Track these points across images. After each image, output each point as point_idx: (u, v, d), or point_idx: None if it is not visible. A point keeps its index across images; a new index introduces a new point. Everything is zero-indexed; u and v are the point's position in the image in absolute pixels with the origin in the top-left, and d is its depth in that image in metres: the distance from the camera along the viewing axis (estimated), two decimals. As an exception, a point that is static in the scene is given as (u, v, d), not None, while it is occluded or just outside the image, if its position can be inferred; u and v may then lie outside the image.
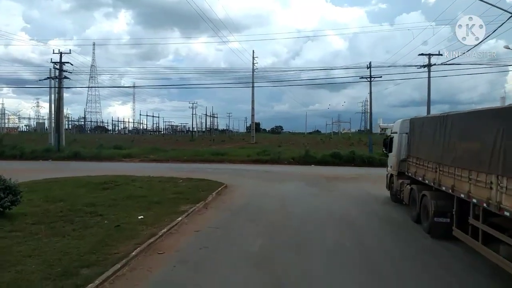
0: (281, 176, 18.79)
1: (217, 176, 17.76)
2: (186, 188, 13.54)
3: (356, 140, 69.76)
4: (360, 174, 19.73)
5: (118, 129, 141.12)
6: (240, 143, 55.78)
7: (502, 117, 5.83)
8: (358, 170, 22.74)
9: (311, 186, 15.46)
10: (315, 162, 26.44)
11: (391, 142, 12.86)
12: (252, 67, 56.08)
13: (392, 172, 12.50)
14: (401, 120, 12.32)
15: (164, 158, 28.41)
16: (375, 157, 26.28)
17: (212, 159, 27.53)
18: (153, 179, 15.79)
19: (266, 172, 20.52)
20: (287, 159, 27.26)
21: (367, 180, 17.67)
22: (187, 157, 28.25)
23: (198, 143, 53.90)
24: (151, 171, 19.25)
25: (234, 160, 27.44)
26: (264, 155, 28.88)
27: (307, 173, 20.17)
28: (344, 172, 20.97)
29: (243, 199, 12.32)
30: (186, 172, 19.85)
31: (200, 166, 24.13)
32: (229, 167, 23.76)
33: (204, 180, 15.79)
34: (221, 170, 21.55)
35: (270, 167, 24.29)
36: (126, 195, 11.78)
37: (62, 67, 29.82)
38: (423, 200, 8.94)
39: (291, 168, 23.44)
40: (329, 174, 19.54)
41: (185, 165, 25.07)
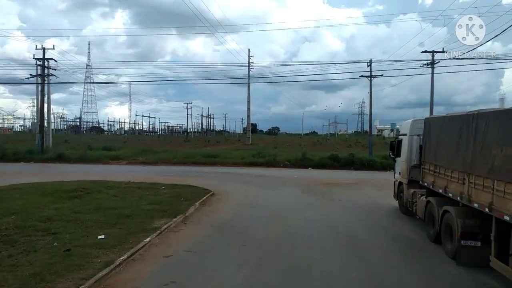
0: (275, 181, 17.12)
1: (205, 182, 16.10)
2: (166, 197, 11.84)
3: (354, 141, 68.25)
4: (361, 179, 18.10)
5: (114, 130, 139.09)
6: (236, 145, 54.14)
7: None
8: (359, 174, 21.12)
9: (308, 193, 13.79)
10: (312, 165, 24.80)
11: (399, 145, 11.23)
12: (248, 66, 54.46)
13: (401, 179, 10.86)
14: (411, 120, 10.68)
15: (154, 160, 26.67)
16: (376, 160, 24.70)
17: (204, 162, 25.83)
18: (133, 185, 14.08)
19: (260, 176, 18.85)
20: (283, 162, 25.61)
21: (370, 186, 16.04)
22: (177, 160, 26.54)
23: (192, 144, 52.17)
24: (135, 175, 17.56)
25: (227, 162, 25.75)
26: (259, 158, 27.23)
27: (304, 178, 18.53)
28: (343, 177, 19.34)
29: (230, 211, 10.63)
30: (172, 176, 18.17)
31: (190, 169, 22.43)
32: (221, 170, 22.07)
33: (190, 186, 14.09)
34: (212, 174, 19.87)
35: (264, 170, 22.62)
36: (94, 206, 10.07)
37: (45, 63, 28.00)
38: (445, 217, 7.31)
39: (287, 172, 21.77)
40: (328, 179, 17.90)
41: (174, 168, 23.36)
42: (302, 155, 25.73)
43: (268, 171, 21.97)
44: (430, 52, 25.35)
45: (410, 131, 10.36)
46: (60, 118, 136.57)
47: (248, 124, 56.72)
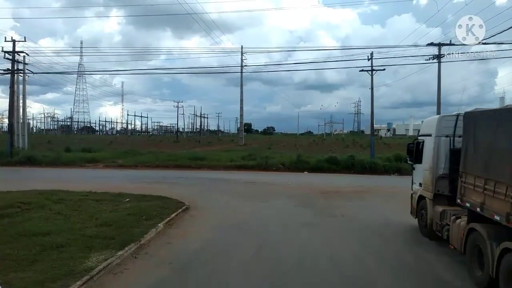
0: (266, 189, 14.62)
1: (183, 190, 13.64)
2: (125, 214, 9.29)
3: (351, 141, 66.03)
4: (365, 187, 15.66)
5: (105, 130, 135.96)
6: (228, 145, 51.66)
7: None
8: (360, 180, 18.71)
9: (304, 206, 11.32)
10: (309, 169, 22.38)
11: (420, 149, 8.81)
12: (240, 63, 51.94)
13: (423, 193, 8.43)
14: (439, 117, 8.25)
15: (133, 163, 24.10)
16: (378, 163, 22.34)
17: (189, 165, 23.31)
18: (91, 196, 11.52)
19: (249, 183, 16.35)
20: (276, 165, 23.16)
21: (377, 195, 13.62)
22: (160, 162, 23.98)
23: (181, 145, 49.59)
24: (103, 182, 15.09)
25: (215, 166, 23.25)
26: (249, 160, 24.76)
27: (299, 185, 16.07)
28: (344, 183, 16.91)
29: (204, 236, 8.10)
30: (147, 183, 15.66)
31: (171, 173, 19.90)
32: (206, 175, 19.56)
33: (161, 198, 11.57)
34: (194, 179, 17.36)
35: (255, 175, 20.15)
36: (19, 230, 7.52)
37: (15, 57, 25.30)
38: (505, 259, 4.90)
39: (280, 177, 19.31)
40: (327, 186, 15.46)
41: (153, 172, 20.83)
42: (297, 158, 23.30)
43: (259, 176, 19.49)
44: (436, 44, 23.05)
45: (437, 130, 7.94)
46: (51, 118, 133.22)
47: (241, 124, 54.18)
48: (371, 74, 23.55)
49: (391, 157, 23.45)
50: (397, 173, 21.89)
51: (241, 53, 52.51)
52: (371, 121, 24.37)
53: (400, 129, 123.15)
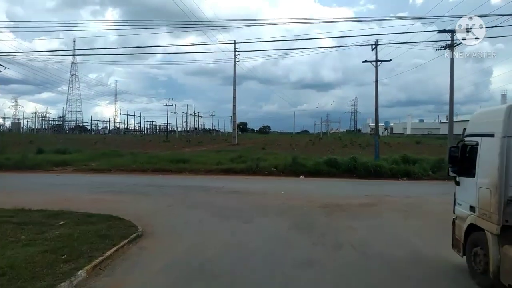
0: (253, 202, 11.67)
1: (148, 205, 10.78)
2: (42, 249, 6.34)
3: (348, 140, 63.36)
4: (373, 197, 12.79)
5: (98, 129, 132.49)
6: (220, 145, 48.75)
7: None
8: (366, 186, 15.88)
9: (300, 230, 8.41)
10: (305, 172, 19.52)
11: (470, 155, 6.01)
12: (233, 59, 48.99)
13: (480, 222, 5.52)
14: (508, 107, 5.32)
15: (107, 167, 21.11)
16: (384, 166, 19.51)
17: (169, 169, 20.36)
18: (18, 217, 8.59)
19: (233, 193, 13.42)
20: (268, 168, 20.27)
21: (390, 210, 10.75)
22: (137, 166, 21.02)
23: (171, 145, 46.66)
24: (54, 193, 12.27)
25: (199, 170, 20.32)
26: (239, 162, 21.88)
27: (294, 194, 13.17)
28: (347, 192, 14.06)
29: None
30: (110, 193, 12.77)
31: (145, 180, 16.96)
32: (184, 182, 16.64)
33: (111, 219, 8.64)
34: (168, 188, 14.43)
35: (243, 181, 17.27)
36: None
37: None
38: None
39: (272, 183, 16.44)
40: (327, 196, 12.60)
41: (126, 178, 17.89)
42: (292, 160, 20.41)
43: (247, 183, 16.61)
44: (448, 31, 20.27)
45: (505, 128, 5.08)
46: (42, 117, 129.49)
47: (234, 122, 51.20)
48: (376, 65, 20.73)
49: (398, 159, 20.65)
50: (406, 178, 19.12)
51: (234, 48, 49.62)
52: (376, 119, 21.47)
53: (398, 128, 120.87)
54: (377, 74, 20.82)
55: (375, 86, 20.90)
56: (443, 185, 17.14)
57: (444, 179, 19.11)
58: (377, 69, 20.75)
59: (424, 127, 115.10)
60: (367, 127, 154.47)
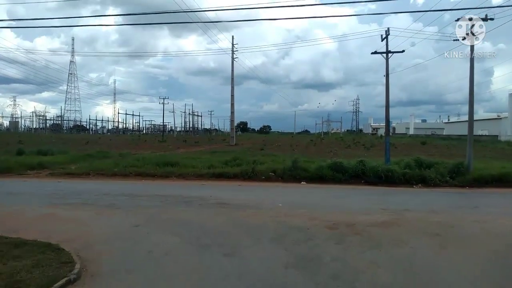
0: (242, 221, 9.18)
1: (109, 223, 8.44)
2: None
3: (351, 141, 60.99)
4: (391, 211, 10.34)
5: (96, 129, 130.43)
6: (218, 145, 46.44)
7: None
8: (378, 196, 13.51)
9: (302, 272, 5.95)
10: (307, 178, 17.13)
11: None
12: (231, 54, 46.62)
13: None
14: None
15: (87, 170, 18.75)
16: (396, 170, 17.07)
17: (154, 173, 17.99)
18: None
19: (219, 206, 10.98)
20: (265, 173, 17.88)
21: (419, 232, 8.31)
22: (119, 170, 18.65)
23: (166, 145, 44.35)
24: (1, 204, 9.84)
25: (187, 174, 17.94)
26: (233, 165, 19.49)
27: (294, 209, 10.74)
28: (358, 204, 11.66)
29: None
30: (70, 206, 10.40)
31: (122, 187, 14.59)
32: (166, 189, 14.23)
33: (46, 249, 6.29)
34: (144, 199, 12.04)
35: (236, 188, 14.91)
36: None
37: None
38: None
39: (268, 192, 14.06)
40: (335, 213, 10.19)
41: (101, 184, 15.53)
42: (292, 163, 18.00)
43: (240, 191, 14.25)
44: (468, 19, 17.84)
45: None
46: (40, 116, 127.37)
47: (232, 122, 48.82)
48: (386, 57, 18.29)
49: (412, 163, 18.21)
50: (421, 184, 16.72)
51: (232, 44, 47.27)
52: (386, 117, 18.91)
53: (400, 128, 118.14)
54: (388, 67, 18.38)
55: (386, 81, 18.45)
56: (467, 195, 14.75)
57: (465, 185, 16.74)
58: (388, 61, 18.31)
59: (427, 127, 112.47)
60: (368, 127, 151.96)
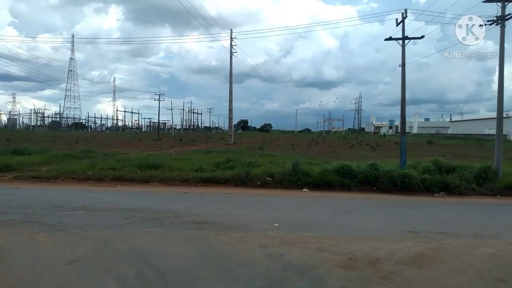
0: (219, 255, 6.51)
1: (40, 252, 5.83)
2: None
3: (354, 140, 58.32)
4: (425, 237, 7.69)
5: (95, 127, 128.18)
6: (215, 144, 43.87)
7: None
8: (401, 210, 10.89)
9: None
10: (310, 184, 14.55)
11: None
12: (230, 49, 43.97)
13: None
14: None
15: (57, 173, 16.18)
16: (414, 176, 14.45)
17: (133, 177, 15.43)
18: None
19: (195, 228, 8.33)
20: (262, 177, 15.30)
21: (475, 275, 5.72)
22: (94, 173, 16.09)
23: (160, 144, 41.77)
24: None
25: (172, 179, 15.36)
26: (225, 168, 16.92)
27: (294, 232, 8.08)
28: (378, 224, 9.03)
29: None
30: (2, 223, 7.82)
31: (86, 196, 11.99)
32: (138, 200, 11.64)
33: None
34: (102, 214, 9.39)
35: (224, 198, 12.32)
36: None
37: None
38: None
39: (263, 203, 11.47)
40: (350, 240, 7.60)
41: (64, 191, 12.97)
42: (293, 166, 15.40)
43: (228, 202, 11.64)
44: (498, 0, 15.24)
45: None
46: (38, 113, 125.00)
47: (230, 119, 46.15)
48: (403, 44, 15.61)
49: (431, 166, 15.59)
50: (444, 193, 14.13)
51: (231, 38, 44.62)
52: (402, 113, 16.08)
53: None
54: (404, 55, 15.66)
55: (402, 71, 15.73)
56: (504, 207, 12.10)
57: (495, 194, 14.13)
58: (404, 48, 15.60)
59: (431, 126, 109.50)
60: (371, 125, 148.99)
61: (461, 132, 79.46)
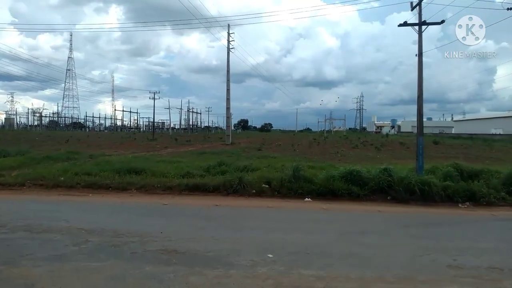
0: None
1: None
2: None
3: (356, 139, 56.20)
4: (475, 275, 5.61)
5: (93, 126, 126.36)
6: (212, 144, 41.81)
7: None
8: (425, 229, 8.76)
9: None
10: (313, 192, 12.45)
11: None
12: (227, 45, 41.88)
13: None
14: None
15: (24, 179, 14.12)
16: (434, 183, 12.32)
17: (109, 184, 13.34)
18: None
19: (165, 255, 6.29)
20: (257, 184, 13.18)
21: None
22: (66, 178, 14.02)
23: (154, 144, 39.73)
24: None
25: (152, 185, 13.28)
26: (216, 173, 14.82)
27: (291, 267, 5.99)
28: (403, 251, 6.92)
29: None
30: None
31: (46, 207, 9.90)
32: (106, 217, 9.55)
33: None
34: (54, 237, 7.27)
35: (209, 213, 10.21)
36: None
37: None
38: None
39: (254, 219, 9.37)
40: (368, 284, 5.53)
41: (19, 204, 10.88)
42: (293, 172, 13.27)
43: (211, 219, 9.52)
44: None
45: None
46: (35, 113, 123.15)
47: (228, 119, 44.04)
48: (419, 30, 13.47)
49: (452, 171, 13.47)
50: (470, 203, 12.02)
51: (228, 33, 42.53)
52: (419, 109, 13.75)
53: (406, 126, 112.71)
54: (421, 43, 13.50)
55: (419, 61, 13.56)
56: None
57: (532, 206, 12.05)
58: (421, 35, 13.47)
59: (435, 125, 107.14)
60: (372, 125, 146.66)
61: (466, 131, 77.21)
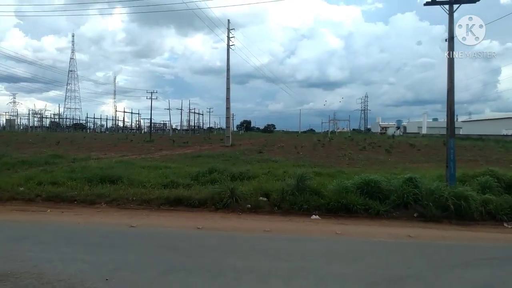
0: None
1: None
2: None
3: (362, 141, 53.57)
4: None
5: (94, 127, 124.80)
6: (210, 146, 39.41)
7: None
8: (475, 268, 6.21)
9: None
10: (322, 208, 10.02)
11: None
12: (227, 41, 39.52)
13: None
14: None
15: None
16: (473, 197, 9.82)
17: (75, 197, 10.96)
18: None
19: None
20: (253, 197, 10.74)
21: None
22: (26, 188, 11.65)
23: (148, 146, 37.40)
24: None
25: (127, 197, 10.89)
26: (205, 182, 12.43)
27: None
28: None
29: None
30: None
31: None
32: (40, 249, 7.15)
33: None
34: None
35: (185, 238, 7.77)
36: None
37: None
38: None
39: (242, 255, 6.93)
40: None
41: None
42: (297, 182, 10.79)
43: (182, 258, 7.04)
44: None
45: None
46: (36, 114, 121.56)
47: (228, 119, 41.61)
48: (450, 10, 10.97)
49: (492, 182, 10.96)
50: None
51: (228, 30, 40.16)
52: (449, 105, 11.18)
53: (412, 127, 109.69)
54: (452, 24, 10.99)
55: (448, 46, 11.05)
56: None
57: None
58: (452, 16, 10.98)
59: (441, 126, 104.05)
60: (377, 126, 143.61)
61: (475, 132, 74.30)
